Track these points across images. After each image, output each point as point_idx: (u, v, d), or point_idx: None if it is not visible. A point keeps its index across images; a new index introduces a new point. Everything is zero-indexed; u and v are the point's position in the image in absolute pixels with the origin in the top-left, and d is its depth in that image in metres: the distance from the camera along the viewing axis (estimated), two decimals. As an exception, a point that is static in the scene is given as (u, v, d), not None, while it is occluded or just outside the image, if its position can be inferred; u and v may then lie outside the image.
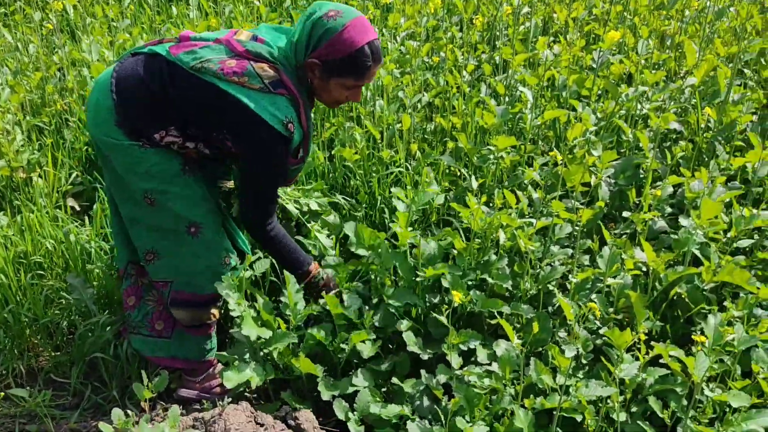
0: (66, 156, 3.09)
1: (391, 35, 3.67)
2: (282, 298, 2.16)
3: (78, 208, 3.00)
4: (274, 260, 2.28)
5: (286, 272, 2.10)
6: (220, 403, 1.88)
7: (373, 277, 2.31)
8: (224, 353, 2.05)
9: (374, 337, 2.08)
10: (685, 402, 1.84)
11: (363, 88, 3.12)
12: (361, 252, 2.29)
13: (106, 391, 2.32)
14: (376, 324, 2.14)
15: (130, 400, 2.28)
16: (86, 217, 2.90)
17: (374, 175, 2.76)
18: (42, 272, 2.61)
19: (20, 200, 2.86)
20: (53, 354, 2.46)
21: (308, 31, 1.88)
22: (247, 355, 2.03)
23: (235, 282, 2.01)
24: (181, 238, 2.02)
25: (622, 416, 1.80)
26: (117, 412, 1.80)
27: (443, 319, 1.94)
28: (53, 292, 2.56)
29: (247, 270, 2.07)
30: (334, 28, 1.86)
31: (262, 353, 2.04)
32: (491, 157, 2.64)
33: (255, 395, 2.23)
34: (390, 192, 2.69)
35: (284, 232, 2.12)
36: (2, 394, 2.11)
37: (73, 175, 3.07)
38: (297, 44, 1.92)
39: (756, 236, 2.35)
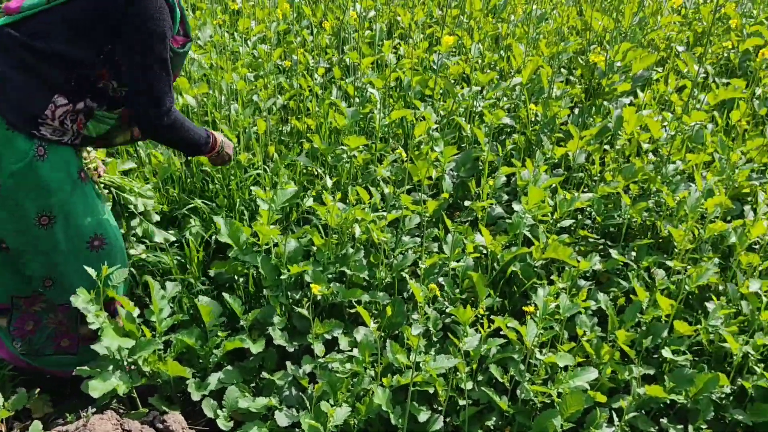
0: None
1: (242, 39, 3.72)
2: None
3: None
4: (173, 148, 2.15)
5: (149, 279, 2.13)
6: (84, 414, 1.88)
7: (239, 279, 2.38)
8: (86, 367, 2.04)
9: (248, 339, 2.15)
10: (522, 367, 2.08)
11: (216, 92, 3.18)
12: (229, 241, 2.36)
13: (-41, 419, 2.23)
14: (260, 320, 2.22)
15: (-12, 423, 2.21)
16: None
17: (233, 178, 2.82)
18: None
19: None
20: None
21: None
22: (111, 366, 2.03)
23: (92, 295, 2.00)
24: (82, 256, 1.94)
25: (469, 385, 2.01)
26: (-26, 436, 1.76)
27: (305, 311, 2.06)
28: None
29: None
30: None
31: (126, 363, 2.05)
32: (344, 156, 2.79)
33: (123, 407, 2.24)
34: (249, 195, 2.77)
35: (181, 114, 1.99)
36: None
37: None
38: None
39: (578, 216, 2.67)
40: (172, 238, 2.51)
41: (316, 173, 2.95)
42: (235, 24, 3.97)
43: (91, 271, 1.93)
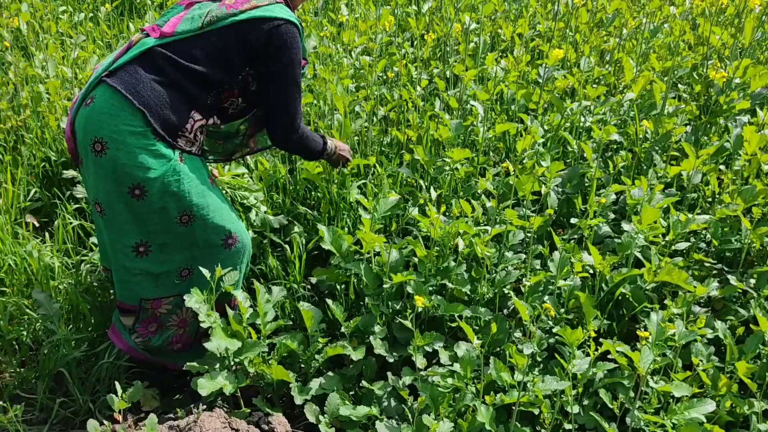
0: (24, 173, 3.09)
1: (346, 51, 3.78)
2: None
3: (37, 225, 3.00)
4: (297, 155, 2.49)
5: (255, 284, 2.17)
6: (195, 410, 1.94)
7: (339, 287, 2.40)
8: (194, 364, 2.10)
9: (349, 346, 2.17)
10: (632, 394, 1.99)
11: (321, 102, 3.26)
12: (332, 249, 2.39)
13: (73, 406, 2.34)
14: (360, 329, 2.24)
15: (100, 413, 2.31)
16: (46, 233, 2.91)
17: (335, 187, 2.86)
18: (4, 289, 2.61)
19: (-21, 218, 2.84)
20: (18, 370, 2.46)
21: None
22: (217, 365, 2.09)
23: (205, 295, 2.07)
24: (217, 252, 2.11)
25: (575, 408, 1.94)
26: (92, 423, 1.84)
27: (408, 323, 2.05)
28: (16, 309, 2.56)
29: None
30: None
31: (232, 363, 2.11)
32: (446, 168, 2.77)
33: (226, 405, 2.30)
34: (351, 204, 2.79)
35: (305, 126, 2.26)
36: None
37: (32, 191, 3.07)
38: None
39: (692, 239, 2.55)
40: (286, 222, 2.62)
41: (416, 185, 2.95)
42: (338, 36, 4.04)
43: (204, 271, 2.02)
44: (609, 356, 2.09)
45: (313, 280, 2.57)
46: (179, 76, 1.98)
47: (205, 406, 1.99)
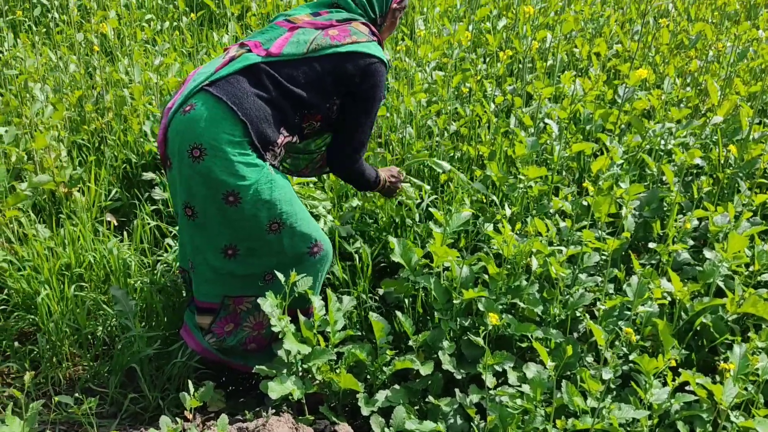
0: (106, 173, 3.20)
1: (420, 66, 3.79)
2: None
3: (116, 223, 3.10)
4: (351, 185, 2.52)
5: (328, 291, 2.19)
6: (264, 413, 1.95)
7: (407, 300, 2.39)
8: (264, 367, 2.12)
9: (417, 360, 2.15)
10: (710, 428, 1.91)
11: (394, 114, 3.29)
12: (402, 261, 2.40)
13: (143, 402, 2.40)
14: (429, 343, 2.22)
15: (169, 410, 2.35)
16: (124, 232, 3.01)
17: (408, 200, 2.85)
18: (83, 284, 2.70)
19: (63, 214, 2.96)
20: (92, 364, 2.53)
21: None
22: (285, 370, 2.11)
23: (279, 300, 2.09)
24: (303, 259, 2.16)
25: (651, 440, 1.87)
26: (165, 420, 1.88)
27: (479, 340, 2.02)
28: (94, 304, 2.65)
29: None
30: None
31: (300, 369, 2.12)
32: (520, 185, 2.74)
33: (290, 410, 2.31)
34: (422, 218, 2.78)
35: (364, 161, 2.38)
36: (43, 401, 2.19)
37: (113, 191, 3.18)
38: (378, 3, 2.31)
39: (777, 270, 2.43)
40: (354, 232, 2.64)
41: (488, 201, 2.92)
42: (413, 50, 4.05)
43: (280, 276, 2.05)
44: (687, 388, 2.01)
45: (381, 291, 2.57)
46: (278, 94, 2.09)
47: (273, 410, 2.00)
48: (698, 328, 2.23)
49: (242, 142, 2.02)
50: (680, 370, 1.98)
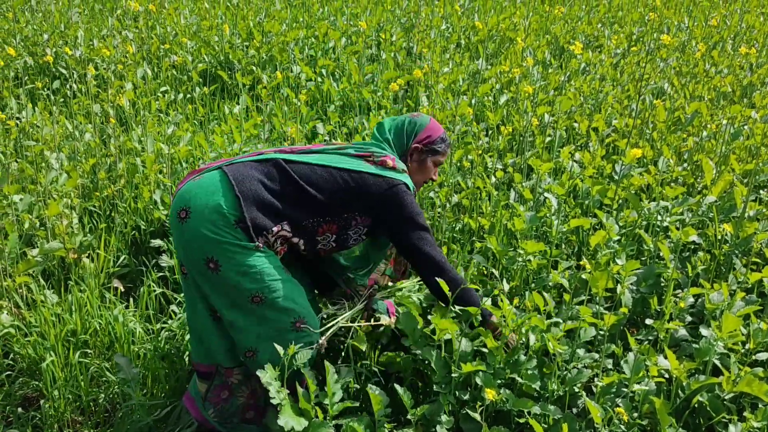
0: (116, 239, 3.28)
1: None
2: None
3: (123, 289, 3.16)
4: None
5: (326, 363, 2.21)
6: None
7: (407, 371, 2.41)
8: (261, 440, 2.14)
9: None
10: None
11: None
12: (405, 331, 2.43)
13: (142, 472, 2.40)
14: (427, 416, 2.23)
15: (168, 482, 2.36)
16: (130, 298, 3.06)
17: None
18: (88, 350, 2.74)
19: (71, 280, 3.02)
20: (92, 431, 2.55)
21: (404, 129, 2.46)
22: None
23: (276, 372, 2.12)
24: (285, 333, 2.17)
25: None
26: (163, 492, 1.89)
27: (476, 415, 2.04)
28: (97, 371, 2.68)
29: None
30: (424, 122, 2.48)
31: (298, 441, 2.12)
32: (519, 259, 2.79)
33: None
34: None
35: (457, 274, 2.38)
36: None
37: (121, 257, 3.25)
38: (396, 141, 2.42)
39: (774, 349, 2.45)
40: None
41: (487, 273, 2.97)
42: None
43: (279, 348, 2.09)
44: (684, 468, 2.01)
45: (382, 361, 2.59)
46: (291, 190, 2.18)
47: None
48: (695, 406, 2.24)
49: (232, 215, 2.09)
50: (677, 449, 1.99)
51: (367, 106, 4.70)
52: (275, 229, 2.16)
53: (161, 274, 3.16)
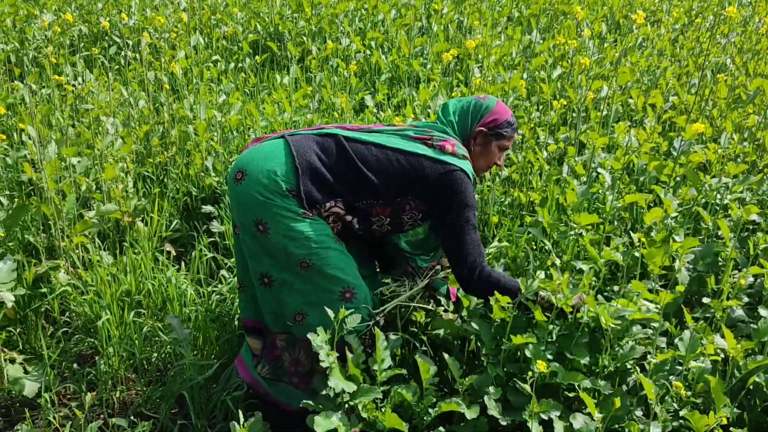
0: (168, 204, 3.34)
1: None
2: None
3: (175, 253, 3.22)
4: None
5: (376, 330, 2.22)
6: (309, 447, 1.98)
7: (456, 342, 2.40)
8: (310, 402, 2.16)
9: (463, 404, 2.15)
10: (763, 491, 1.85)
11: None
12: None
13: (191, 429, 2.45)
14: (475, 387, 2.22)
15: (217, 439, 2.41)
16: (182, 262, 3.12)
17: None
18: (142, 310, 2.81)
19: (126, 242, 3.09)
20: (145, 389, 2.62)
21: (469, 111, 2.37)
22: (331, 406, 2.14)
23: (327, 335, 2.13)
24: (332, 302, 2.18)
25: (700, 499, 1.83)
26: (214, 448, 1.93)
27: (526, 387, 2.02)
28: (150, 331, 2.74)
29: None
30: (490, 104, 2.38)
31: (346, 405, 2.15)
32: (571, 233, 2.74)
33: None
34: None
35: (492, 271, 2.28)
36: (100, 422, 2.27)
37: (174, 222, 3.31)
38: (460, 123, 2.35)
39: (837, 333, 2.36)
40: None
41: (539, 248, 2.93)
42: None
43: (330, 312, 2.10)
44: (739, 448, 1.96)
45: (430, 331, 2.59)
46: (344, 167, 2.18)
47: (318, 445, 2.02)
48: (751, 387, 2.18)
49: (284, 182, 2.11)
50: (731, 429, 1.94)
51: (416, 78, 4.66)
52: (328, 204, 2.18)
53: (212, 239, 3.21)
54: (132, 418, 2.44)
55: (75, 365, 2.69)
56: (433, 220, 2.33)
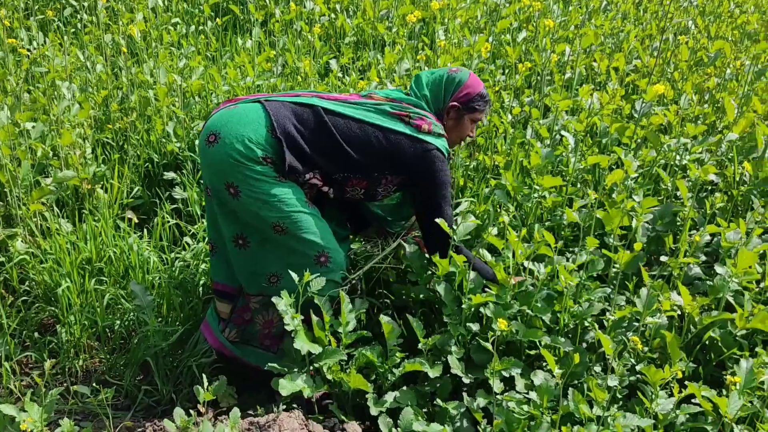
0: (128, 171, 3.27)
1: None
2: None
3: (136, 221, 3.17)
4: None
5: (341, 293, 2.22)
6: (275, 409, 1.99)
7: (418, 304, 2.42)
8: (275, 365, 2.17)
9: (426, 363, 2.18)
10: (715, 440, 1.92)
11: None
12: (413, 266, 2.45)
13: (157, 395, 2.45)
14: (438, 347, 2.25)
15: (181, 404, 2.40)
16: (144, 230, 3.07)
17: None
18: (103, 278, 2.77)
19: (85, 209, 3.03)
20: (108, 357, 2.59)
21: (442, 85, 2.37)
22: (296, 369, 2.15)
23: (292, 299, 2.13)
24: (308, 267, 2.17)
25: (655, 450, 1.89)
26: (179, 412, 1.93)
27: (488, 345, 2.05)
28: (113, 298, 2.71)
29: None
30: (462, 78, 2.38)
31: (312, 368, 2.16)
32: (534, 195, 2.77)
33: (300, 408, 2.35)
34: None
35: (464, 248, 2.40)
36: (61, 388, 2.25)
37: (135, 189, 3.25)
38: (432, 98, 2.34)
39: (788, 288, 2.44)
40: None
41: (501, 211, 2.95)
42: (431, 60, 4.10)
43: (293, 274, 2.10)
44: (693, 400, 2.02)
45: (393, 294, 2.60)
46: (326, 140, 2.17)
47: (284, 407, 2.04)
48: (707, 342, 2.25)
49: (260, 149, 2.09)
50: (687, 382, 2.00)
51: (381, 41, 4.61)
52: (307, 176, 2.18)
53: (175, 206, 3.16)
54: (95, 385, 2.42)
55: (36, 334, 2.65)
56: (410, 195, 2.38)
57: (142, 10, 4.60)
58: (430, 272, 2.45)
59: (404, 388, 2.19)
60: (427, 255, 2.44)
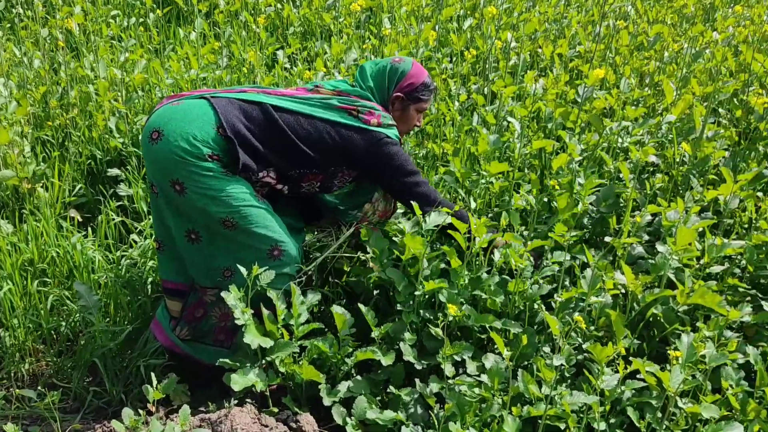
0: (70, 169, 3.19)
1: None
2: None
3: (80, 219, 3.09)
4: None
5: (291, 285, 2.21)
6: (227, 404, 1.98)
7: (372, 291, 2.43)
8: (227, 360, 2.15)
9: (379, 351, 2.19)
10: (660, 414, 1.98)
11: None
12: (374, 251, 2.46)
13: (106, 396, 2.40)
14: (391, 335, 2.26)
15: (132, 405, 2.36)
16: (89, 228, 3.00)
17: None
18: (47, 279, 2.70)
19: (26, 210, 2.94)
20: (55, 359, 2.53)
21: (385, 76, 2.37)
22: (248, 363, 2.13)
23: (241, 293, 2.11)
24: (261, 261, 2.15)
25: (602, 425, 1.94)
26: (128, 412, 1.90)
27: (439, 331, 2.07)
28: (57, 300, 2.64)
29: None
30: (405, 68, 2.39)
31: (264, 361, 2.15)
32: (482, 181, 2.80)
33: (254, 403, 2.33)
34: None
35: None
36: (3, 392, 2.19)
37: (77, 187, 3.17)
38: (377, 89, 2.34)
39: (726, 263, 2.53)
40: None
41: (453, 197, 2.97)
42: (379, 49, 4.10)
43: (242, 269, 2.08)
44: (638, 376, 2.08)
45: (347, 280, 2.60)
46: (277, 138, 2.15)
47: (237, 402, 2.03)
48: (650, 319, 2.31)
49: (206, 147, 2.05)
50: (632, 358, 2.05)
51: (328, 31, 4.58)
52: (261, 174, 2.16)
53: (120, 203, 3.10)
54: (42, 389, 2.36)
55: (-23, 339, 2.57)
56: (381, 184, 2.40)
57: (80, 3, 4.47)
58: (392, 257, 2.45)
59: (358, 377, 2.20)
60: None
